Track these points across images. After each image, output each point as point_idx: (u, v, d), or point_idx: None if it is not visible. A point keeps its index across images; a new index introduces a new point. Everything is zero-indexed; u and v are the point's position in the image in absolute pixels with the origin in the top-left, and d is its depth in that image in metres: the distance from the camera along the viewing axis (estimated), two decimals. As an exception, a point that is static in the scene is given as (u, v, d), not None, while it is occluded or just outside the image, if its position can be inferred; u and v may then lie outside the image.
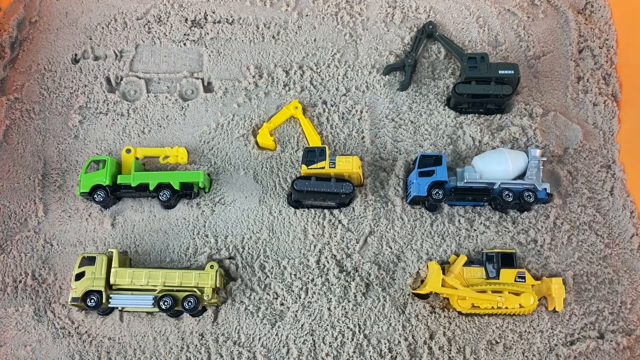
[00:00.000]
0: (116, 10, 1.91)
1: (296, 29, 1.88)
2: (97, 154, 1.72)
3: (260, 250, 1.61)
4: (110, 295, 1.49)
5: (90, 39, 1.87)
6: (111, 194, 1.60)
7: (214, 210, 1.65)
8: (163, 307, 1.47)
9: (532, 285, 1.52)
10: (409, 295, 1.56)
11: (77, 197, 1.66)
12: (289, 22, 1.89)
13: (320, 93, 1.79)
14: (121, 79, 1.82)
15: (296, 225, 1.63)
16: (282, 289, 1.56)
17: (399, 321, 1.53)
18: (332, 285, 1.57)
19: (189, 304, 1.47)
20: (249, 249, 1.61)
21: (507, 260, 1.53)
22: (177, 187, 1.60)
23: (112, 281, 1.49)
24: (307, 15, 1.90)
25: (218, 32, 1.87)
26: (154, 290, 1.51)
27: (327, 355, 1.50)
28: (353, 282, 1.57)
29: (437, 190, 1.57)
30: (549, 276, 1.56)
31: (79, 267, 1.50)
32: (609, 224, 1.65)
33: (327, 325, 1.54)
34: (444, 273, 1.52)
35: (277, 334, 1.53)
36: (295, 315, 1.54)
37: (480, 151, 1.69)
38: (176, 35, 1.87)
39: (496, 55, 1.84)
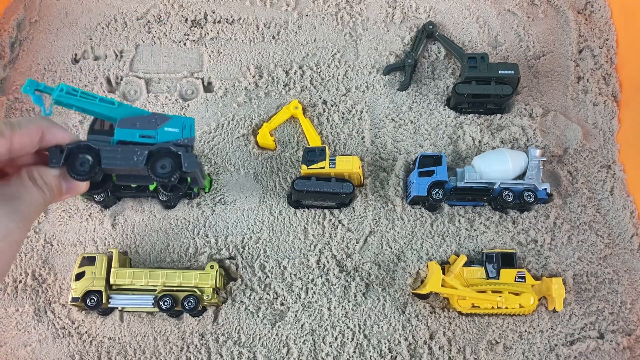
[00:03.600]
0: (116, 10, 1.91)
1: (296, 29, 1.88)
2: (97, 154, 1.72)
3: (260, 250, 1.61)
4: (110, 295, 1.50)
5: (90, 39, 1.87)
6: (111, 194, 1.60)
7: (214, 210, 1.65)
8: (163, 307, 1.47)
9: (532, 285, 1.52)
10: (409, 295, 1.56)
11: (77, 197, 1.66)
12: (289, 22, 1.89)
13: (320, 93, 1.79)
14: (121, 79, 1.82)
15: (296, 225, 1.63)
16: (283, 288, 1.56)
17: (399, 321, 1.53)
18: (332, 285, 1.57)
19: (189, 304, 1.47)
20: (249, 249, 1.61)
21: (507, 260, 1.53)
22: (177, 187, 1.60)
23: (112, 281, 1.49)
24: (307, 15, 1.90)
25: (218, 32, 1.87)
26: (154, 290, 1.51)
27: (327, 355, 1.51)
28: (353, 282, 1.57)
29: (437, 190, 1.57)
30: (549, 276, 1.56)
31: (79, 267, 1.50)
32: (609, 224, 1.65)
33: (328, 325, 1.54)
34: (444, 273, 1.52)
35: (277, 334, 1.53)
36: (296, 315, 1.54)
37: (480, 151, 1.70)
38: (176, 35, 1.87)
39: (496, 55, 1.84)
